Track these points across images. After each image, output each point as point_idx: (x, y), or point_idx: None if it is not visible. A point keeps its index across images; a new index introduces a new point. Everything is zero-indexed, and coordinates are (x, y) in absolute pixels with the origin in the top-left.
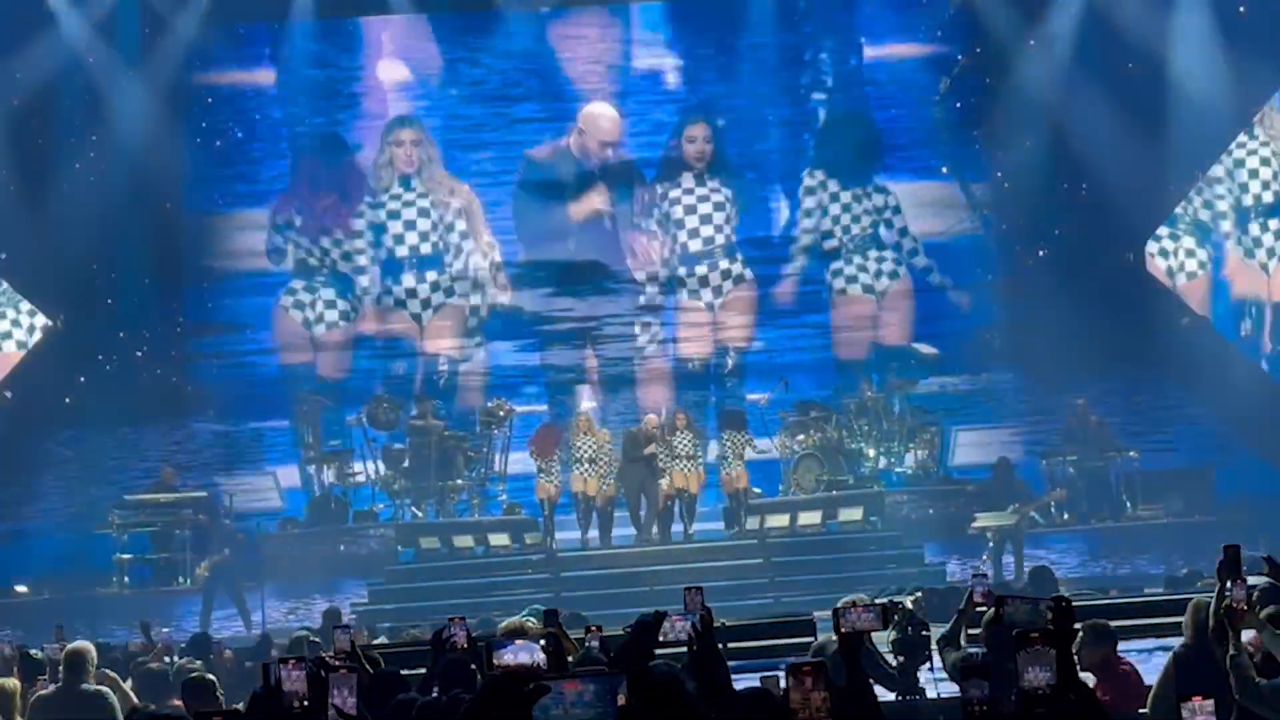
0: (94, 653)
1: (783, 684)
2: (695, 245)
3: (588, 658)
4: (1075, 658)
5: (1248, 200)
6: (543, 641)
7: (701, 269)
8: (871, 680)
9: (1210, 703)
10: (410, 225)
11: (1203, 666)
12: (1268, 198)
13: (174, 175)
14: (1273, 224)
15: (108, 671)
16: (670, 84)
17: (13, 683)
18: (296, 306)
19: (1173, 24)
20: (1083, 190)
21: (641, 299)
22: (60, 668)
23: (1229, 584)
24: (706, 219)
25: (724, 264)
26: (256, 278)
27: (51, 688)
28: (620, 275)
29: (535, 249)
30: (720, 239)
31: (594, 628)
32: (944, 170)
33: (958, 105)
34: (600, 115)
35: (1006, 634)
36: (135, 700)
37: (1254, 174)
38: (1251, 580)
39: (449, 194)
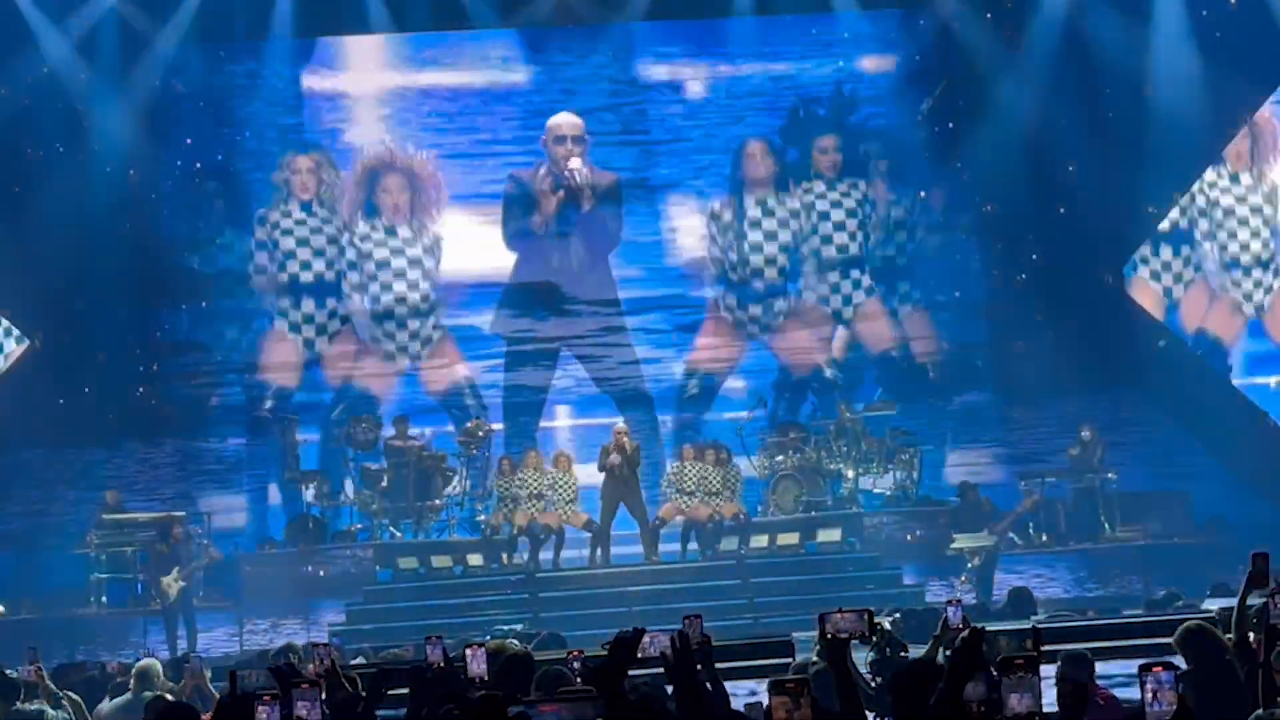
0: (160, 667)
1: (765, 702)
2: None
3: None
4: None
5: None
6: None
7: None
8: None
9: (1170, 674)
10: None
11: (1217, 688)
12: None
13: (154, 194)
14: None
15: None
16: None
17: None
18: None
19: (1151, 46)
20: (1061, 212)
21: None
22: (131, 680)
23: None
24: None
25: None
26: (236, 298)
27: (125, 696)
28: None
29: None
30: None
31: (574, 652)
32: (922, 194)
33: (936, 129)
34: (557, 121)
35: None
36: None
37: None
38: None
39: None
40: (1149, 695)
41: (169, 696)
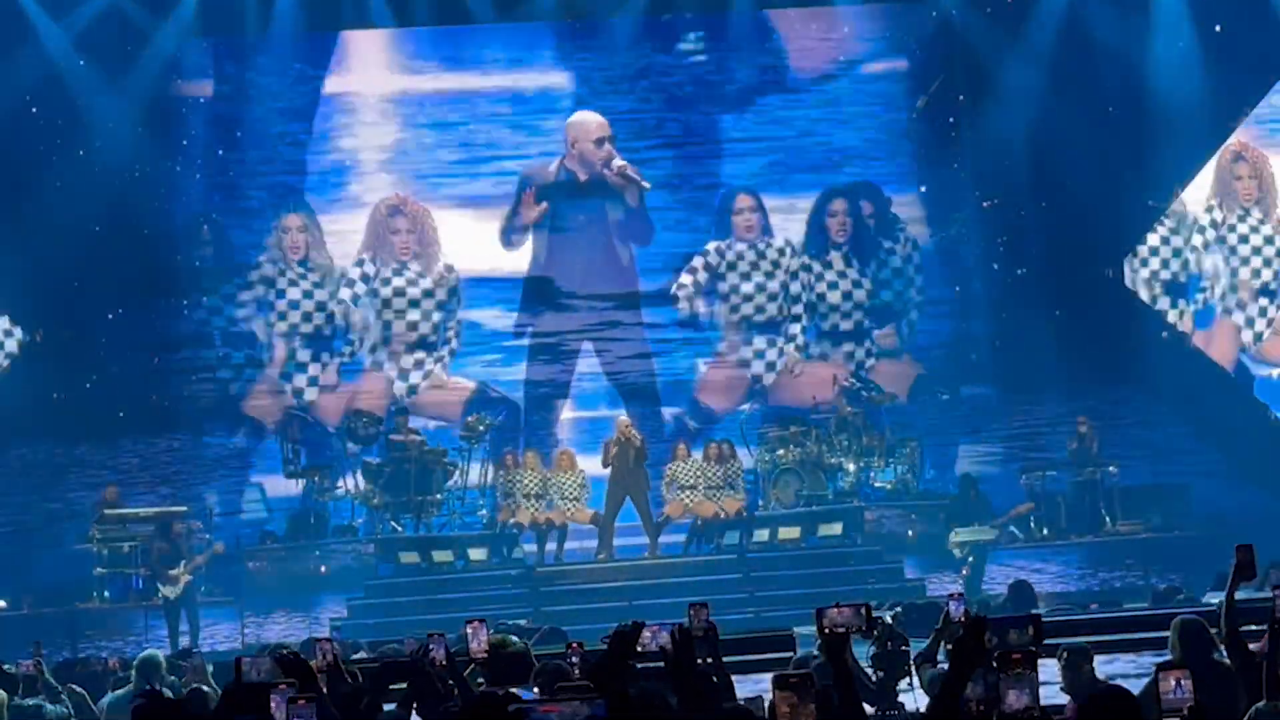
0: (163, 659)
1: (767, 700)
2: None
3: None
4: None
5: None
6: None
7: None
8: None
9: (1186, 672)
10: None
11: (1208, 681)
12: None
13: (155, 191)
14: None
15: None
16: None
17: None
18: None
19: (1151, 40)
20: (1061, 206)
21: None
22: (133, 672)
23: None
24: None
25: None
26: (236, 294)
27: (127, 688)
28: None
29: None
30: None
31: (574, 644)
32: (922, 189)
33: (935, 122)
34: (585, 120)
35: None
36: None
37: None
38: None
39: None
40: (1170, 683)
41: (168, 692)
